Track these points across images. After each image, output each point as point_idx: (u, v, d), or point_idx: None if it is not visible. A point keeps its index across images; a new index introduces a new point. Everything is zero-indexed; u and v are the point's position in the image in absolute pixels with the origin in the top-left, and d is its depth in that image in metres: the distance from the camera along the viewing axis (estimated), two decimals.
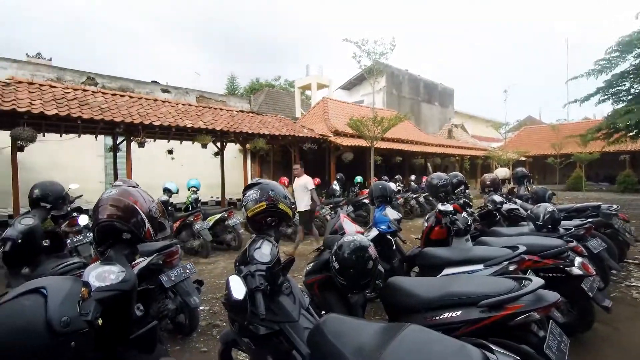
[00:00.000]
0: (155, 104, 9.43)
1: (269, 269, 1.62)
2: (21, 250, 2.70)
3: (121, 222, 1.45)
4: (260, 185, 1.89)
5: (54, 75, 11.43)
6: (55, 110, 6.93)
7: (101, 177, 11.39)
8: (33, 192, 3.12)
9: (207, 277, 4.90)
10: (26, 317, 0.80)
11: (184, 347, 2.95)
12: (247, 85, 30.20)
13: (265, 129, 10.53)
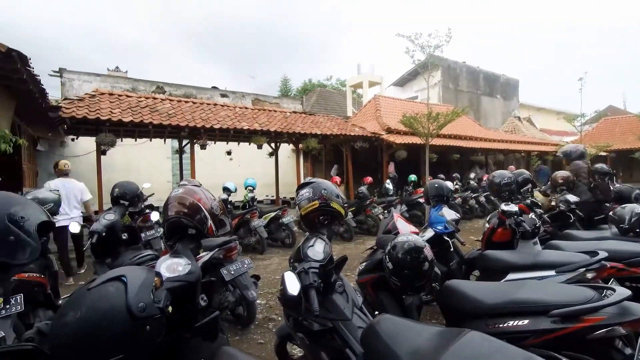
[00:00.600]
0: (215, 108, 10.04)
1: (322, 267, 1.64)
2: (105, 242, 3.05)
3: (187, 219, 1.57)
4: (313, 184, 1.92)
5: (130, 86, 12.72)
6: (131, 117, 7.71)
7: (169, 177, 12.42)
8: (114, 191, 3.52)
9: (263, 272, 5.10)
10: (110, 301, 0.90)
11: (243, 337, 3.11)
12: (299, 87, 30.86)
13: (317, 128, 10.66)
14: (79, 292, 0.93)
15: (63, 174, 5.36)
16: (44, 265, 2.42)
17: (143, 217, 4.59)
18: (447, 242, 3.36)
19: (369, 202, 8.08)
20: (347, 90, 21.61)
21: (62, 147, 10.51)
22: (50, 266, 2.56)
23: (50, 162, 10.36)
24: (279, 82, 31.87)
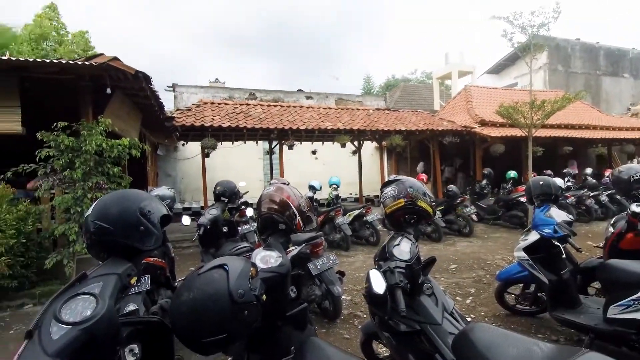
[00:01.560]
0: (300, 110, 10.52)
1: (408, 267, 1.59)
2: (209, 234, 3.46)
3: (278, 215, 1.68)
4: (398, 182, 1.87)
5: (227, 94, 14.13)
6: (228, 122, 8.57)
7: (261, 176, 13.45)
8: (216, 189, 3.96)
9: (348, 269, 5.16)
10: (215, 286, 1.01)
11: (329, 331, 3.20)
12: (382, 83, 30.33)
13: (402, 125, 10.34)
14: (191, 276, 1.08)
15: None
16: (163, 252, 2.85)
17: (240, 213, 5.07)
18: (558, 247, 2.94)
19: (460, 200, 7.52)
20: (434, 83, 20.43)
21: (175, 152, 12.22)
22: (169, 253, 3.01)
23: (167, 165, 12.17)
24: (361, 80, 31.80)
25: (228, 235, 3.67)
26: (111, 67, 4.63)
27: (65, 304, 0.92)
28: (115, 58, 5.07)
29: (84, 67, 4.62)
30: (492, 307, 3.58)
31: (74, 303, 0.93)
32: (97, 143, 4.41)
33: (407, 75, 31.16)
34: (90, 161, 4.42)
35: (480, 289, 4.24)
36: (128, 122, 6.24)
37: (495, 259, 5.53)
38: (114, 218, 1.16)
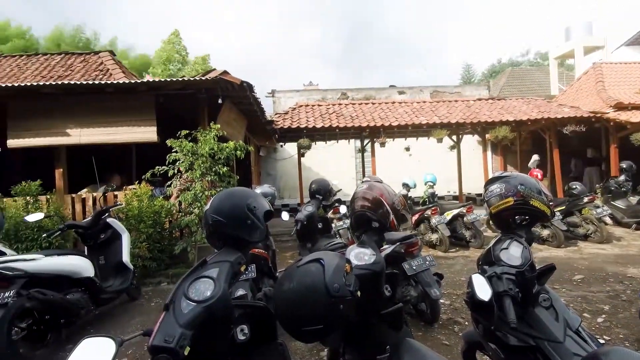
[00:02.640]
0: (392, 106, 10.27)
1: (519, 274, 1.42)
2: (306, 229, 3.65)
3: (371, 213, 1.67)
4: (505, 178, 1.68)
5: (320, 96, 14.66)
6: (322, 123, 8.88)
7: (353, 174, 13.58)
8: (311, 187, 4.15)
9: (446, 271, 4.85)
10: (312, 279, 1.06)
11: (426, 335, 3.06)
12: (485, 70, 27.54)
13: (509, 114, 9.22)
14: (291, 268, 1.15)
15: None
16: (266, 245, 3.12)
17: (333, 210, 5.21)
18: None
19: (588, 200, 6.35)
20: (551, 64, 17.68)
21: (275, 152, 13.23)
22: (271, 245, 3.28)
23: (267, 165, 13.26)
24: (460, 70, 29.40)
25: (323, 231, 3.82)
26: (222, 80, 5.26)
27: (191, 284, 1.08)
28: (225, 72, 5.73)
29: (201, 81, 5.35)
30: (634, 330, 2.93)
31: (198, 284, 1.08)
32: (210, 147, 5.06)
33: (516, 59, 27.65)
34: (206, 163, 5.09)
35: (618, 306, 3.51)
36: (235, 127, 6.99)
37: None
38: (226, 212, 1.31)
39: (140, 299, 4.36)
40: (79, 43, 19.62)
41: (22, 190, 5.11)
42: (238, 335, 1.13)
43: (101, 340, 0.95)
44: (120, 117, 5.50)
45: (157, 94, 5.57)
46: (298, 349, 2.81)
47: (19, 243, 4.64)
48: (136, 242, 4.69)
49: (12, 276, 2.78)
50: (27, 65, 9.95)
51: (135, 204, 4.96)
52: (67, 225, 3.84)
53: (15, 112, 5.43)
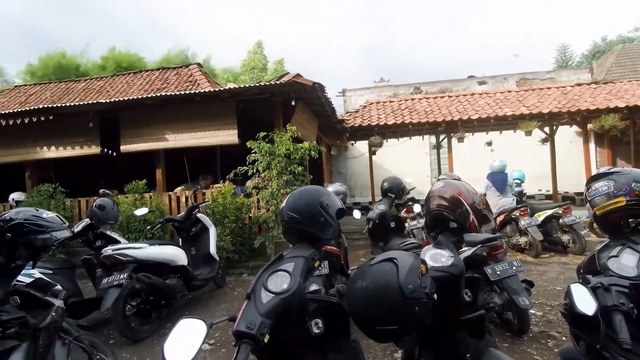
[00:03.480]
0: (472, 98, 9.54)
1: (634, 287, 1.21)
2: (378, 228, 3.60)
3: (448, 212, 1.57)
4: (614, 175, 1.44)
5: (391, 92, 14.30)
6: (393, 120, 8.66)
7: (427, 172, 12.98)
8: (383, 185, 4.08)
9: (538, 279, 4.35)
10: (386, 278, 1.05)
11: (513, 347, 2.78)
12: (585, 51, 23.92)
13: (618, 100, 7.87)
14: (364, 266, 1.15)
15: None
16: (338, 242, 3.16)
17: (407, 209, 5.04)
18: None
19: None
20: None
21: (345, 151, 13.31)
22: (343, 243, 3.31)
23: (339, 163, 13.41)
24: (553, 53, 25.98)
25: (395, 231, 3.72)
26: (294, 83, 5.47)
27: (269, 277, 1.15)
28: (298, 74, 5.94)
29: (275, 85, 5.64)
30: None
31: (275, 277, 1.15)
32: (286, 147, 5.30)
33: (626, 34, 23.44)
34: (282, 163, 5.35)
35: None
36: (308, 127, 7.21)
37: None
38: (301, 210, 1.36)
39: (225, 287, 4.78)
40: (181, 60, 22.19)
41: (131, 188, 6.01)
42: (313, 328, 1.17)
43: (195, 321, 1.07)
44: (207, 122, 6.09)
45: (237, 99, 6.03)
46: (371, 348, 2.79)
47: (130, 233, 5.46)
48: (221, 235, 5.15)
49: (125, 261, 3.28)
50: (134, 81, 11.59)
51: (220, 201, 5.45)
52: (165, 219, 4.39)
53: (126, 121, 6.38)
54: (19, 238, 1.75)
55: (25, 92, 12.19)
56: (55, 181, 6.46)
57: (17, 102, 11.07)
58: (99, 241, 3.67)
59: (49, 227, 1.83)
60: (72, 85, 12.25)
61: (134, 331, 3.23)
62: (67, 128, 6.29)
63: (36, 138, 6.47)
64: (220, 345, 3.11)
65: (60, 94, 11.38)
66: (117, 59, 21.16)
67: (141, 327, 3.32)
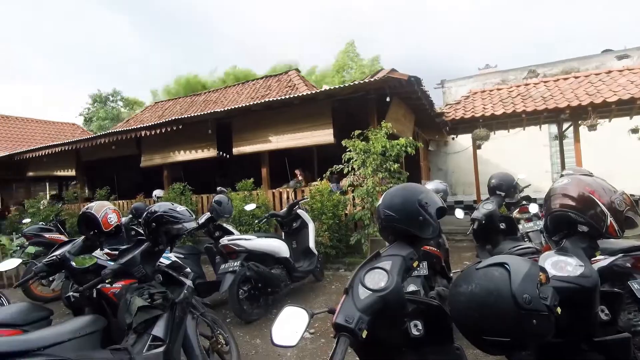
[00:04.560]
0: (607, 77, 7.89)
1: None
2: (484, 229, 3.28)
3: (576, 213, 1.34)
4: None
5: (499, 79, 12.81)
6: (502, 109, 7.74)
7: (547, 167, 11.25)
8: (490, 182, 3.69)
9: None
10: (495, 284, 0.95)
11: None
12: None
13: None
14: (470, 270, 1.07)
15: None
16: (438, 243, 2.98)
17: (520, 209, 4.46)
18: None
19: None
20: None
21: (445, 146, 12.46)
22: (443, 244, 3.11)
23: (438, 159, 12.64)
24: None
25: (506, 233, 3.32)
26: (389, 79, 5.36)
27: (367, 274, 1.16)
28: (393, 70, 5.81)
29: (370, 83, 5.61)
30: None
31: (373, 274, 1.15)
32: (381, 145, 5.24)
33: None
34: (377, 160, 5.30)
35: None
36: (404, 123, 6.99)
37: None
38: (398, 208, 1.32)
39: (323, 281, 4.99)
40: (282, 68, 24.19)
41: (242, 186, 6.75)
42: (412, 330, 1.13)
43: (298, 310, 1.14)
44: (305, 123, 6.43)
45: (332, 100, 6.20)
46: (480, 359, 2.57)
47: (241, 226, 6.14)
48: (319, 231, 5.38)
49: (238, 250, 3.71)
50: (242, 90, 12.95)
51: (317, 198, 5.70)
52: (270, 215, 4.81)
53: (237, 127, 7.18)
54: (161, 227, 2.13)
55: (162, 107, 14.77)
56: (184, 180, 7.67)
57: (156, 116, 13.50)
58: (218, 232, 4.23)
59: (181, 218, 2.18)
60: (195, 98, 14.35)
61: (246, 313, 3.63)
62: (192, 135, 7.39)
63: (170, 144, 7.79)
64: (320, 335, 3.26)
65: (187, 106, 13.44)
66: (236, 74, 24.43)
67: (251, 310, 3.71)
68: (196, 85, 24.05)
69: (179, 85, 24.48)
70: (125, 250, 2.21)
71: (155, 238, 2.16)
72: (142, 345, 1.86)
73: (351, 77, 21.17)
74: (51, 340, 1.61)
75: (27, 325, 2.07)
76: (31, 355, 1.49)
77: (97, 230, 2.66)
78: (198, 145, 7.50)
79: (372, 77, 6.24)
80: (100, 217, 2.65)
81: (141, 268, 2.08)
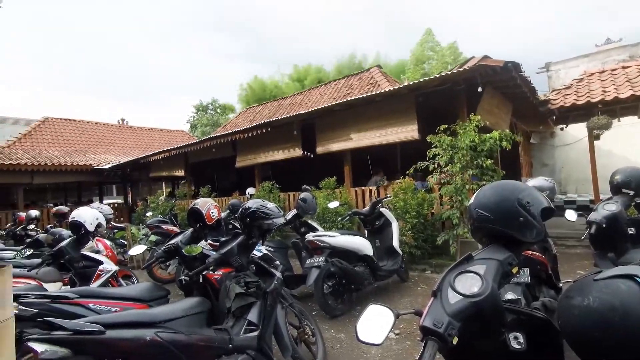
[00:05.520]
0: None
1: None
2: (605, 234, 2.76)
3: None
4: None
5: (626, 55, 10.67)
6: (630, 91, 6.44)
7: None
8: (614, 179, 3.10)
9: None
10: (620, 299, 0.81)
11: None
12: None
13: None
14: (585, 280, 0.92)
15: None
16: (543, 247, 2.63)
17: None
18: None
19: None
20: None
21: (551, 138, 10.90)
22: (550, 249, 2.74)
23: (542, 153, 11.12)
24: None
25: (636, 240, 2.75)
26: (481, 67, 4.91)
27: (457, 277, 1.08)
28: (485, 57, 5.31)
29: (459, 73, 5.22)
30: None
31: (464, 278, 1.07)
32: (470, 139, 4.83)
33: None
34: (466, 156, 4.91)
35: None
36: (498, 114, 6.33)
37: None
38: (493, 207, 1.21)
39: (408, 282, 4.83)
40: (354, 65, 24.36)
41: (325, 184, 6.94)
42: (512, 342, 1.03)
43: (383, 309, 1.13)
44: (387, 120, 6.30)
45: (416, 94, 5.94)
46: None
47: (325, 223, 6.31)
48: (403, 230, 5.23)
49: (322, 246, 3.83)
50: (325, 91, 13.28)
51: (401, 196, 5.54)
52: (353, 212, 4.84)
53: (320, 127, 7.40)
54: (254, 222, 2.33)
55: (253, 112, 16.04)
56: (272, 179, 8.21)
57: (248, 120, 14.73)
58: (303, 228, 4.42)
59: (271, 214, 2.35)
60: (282, 101, 15.24)
61: (330, 308, 3.73)
62: (279, 136, 7.87)
63: (260, 146, 8.42)
64: (405, 336, 3.17)
65: (274, 110, 14.36)
66: (298, 72, 26.58)
67: (336, 305, 3.80)
68: (269, 87, 26.69)
69: (252, 89, 27.13)
70: (225, 241, 2.47)
71: (249, 232, 2.36)
72: (239, 328, 2.05)
73: (432, 69, 19.97)
74: (169, 315, 1.89)
75: (151, 301, 2.47)
76: (155, 326, 1.77)
77: (202, 223, 3.02)
78: (284, 145, 7.95)
79: (462, 66, 5.79)
80: (204, 211, 3.00)
81: (238, 258, 2.30)
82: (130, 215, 12.60)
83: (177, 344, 1.74)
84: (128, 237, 6.57)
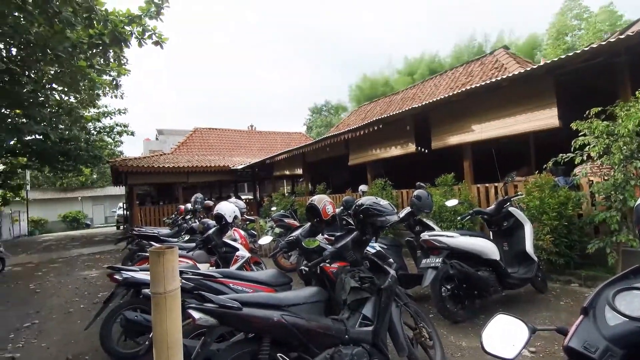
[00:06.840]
0: None
1: None
2: None
3: None
4: None
5: None
6: None
7: None
8: None
9: None
10: None
11: None
12: None
13: None
14: None
15: None
16: None
17: None
18: None
19: None
20: None
21: None
22: None
23: None
24: None
25: None
26: None
27: (619, 294, 0.88)
28: None
29: (618, 42, 4.17)
30: None
31: (630, 296, 0.86)
32: (635, 123, 3.81)
33: None
34: (630, 144, 3.90)
35: None
36: None
37: None
38: None
39: (547, 294, 4.14)
40: (473, 49, 22.00)
41: (442, 181, 6.51)
42: None
43: (515, 321, 1.00)
44: (517, 107, 5.51)
45: (556, 74, 5.02)
46: None
47: (441, 222, 5.93)
48: (539, 233, 4.50)
49: (439, 247, 3.61)
50: (440, 82, 12.45)
51: (535, 194, 4.78)
52: (475, 211, 4.40)
53: (435, 120, 6.97)
54: (367, 219, 2.35)
55: (364, 110, 16.18)
56: (385, 176, 8.12)
57: (359, 119, 14.93)
58: (418, 226, 4.25)
59: (384, 212, 2.33)
60: (393, 97, 14.93)
61: (449, 312, 3.49)
62: (391, 133, 7.73)
63: (372, 143, 8.44)
64: (543, 356, 2.73)
65: (386, 107, 14.18)
66: (410, 65, 26.16)
67: (455, 310, 3.53)
68: (379, 82, 27.12)
69: (361, 89, 27.82)
70: (340, 236, 2.57)
71: (362, 228, 2.40)
72: (354, 320, 2.11)
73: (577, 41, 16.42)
74: (293, 301, 2.08)
75: (277, 286, 2.76)
76: (281, 309, 1.97)
77: (318, 218, 3.21)
78: (397, 142, 7.78)
79: (623, 32, 4.62)
80: (321, 207, 3.18)
81: (352, 253, 2.37)
82: (258, 209, 14.28)
83: (300, 327, 1.90)
84: (257, 229, 7.48)
